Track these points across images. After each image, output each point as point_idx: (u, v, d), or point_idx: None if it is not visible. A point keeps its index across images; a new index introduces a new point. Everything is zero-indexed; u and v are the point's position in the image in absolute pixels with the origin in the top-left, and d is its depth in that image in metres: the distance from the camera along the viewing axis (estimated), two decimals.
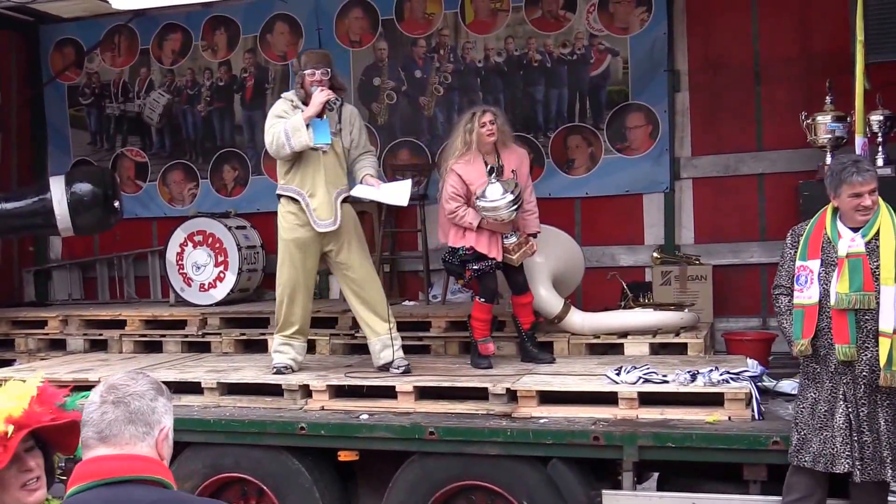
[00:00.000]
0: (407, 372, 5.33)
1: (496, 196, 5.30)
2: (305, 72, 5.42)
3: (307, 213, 5.41)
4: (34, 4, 7.21)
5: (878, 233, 3.80)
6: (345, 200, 5.53)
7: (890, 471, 3.73)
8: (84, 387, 5.36)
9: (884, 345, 3.70)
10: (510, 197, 5.29)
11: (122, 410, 2.10)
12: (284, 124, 5.29)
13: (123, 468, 2.05)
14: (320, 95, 5.28)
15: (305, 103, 5.37)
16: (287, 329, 5.57)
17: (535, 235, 5.61)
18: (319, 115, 5.32)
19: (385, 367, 5.43)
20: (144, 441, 2.08)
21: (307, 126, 5.27)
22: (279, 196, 5.55)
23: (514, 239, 5.45)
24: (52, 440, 2.36)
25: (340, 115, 5.53)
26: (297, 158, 5.40)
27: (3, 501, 2.29)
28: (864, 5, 5.07)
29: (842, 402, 3.80)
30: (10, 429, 2.23)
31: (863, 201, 3.80)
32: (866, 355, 3.76)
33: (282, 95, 5.63)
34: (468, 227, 5.42)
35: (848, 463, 3.75)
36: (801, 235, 3.96)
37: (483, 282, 5.47)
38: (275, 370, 5.48)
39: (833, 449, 3.78)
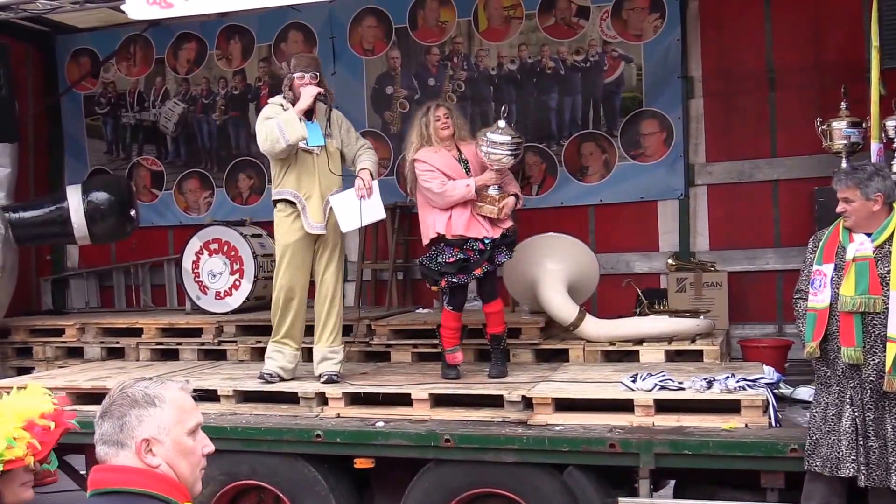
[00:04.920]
0: (331, 381, 5.34)
1: (504, 136, 5.32)
2: (295, 75, 5.43)
3: (302, 215, 5.44)
4: (50, 15, 7.24)
5: (890, 237, 3.80)
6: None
7: (895, 477, 3.71)
8: (95, 394, 5.43)
9: (890, 350, 3.70)
10: (516, 139, 5.34)
11: (98, 432, 2.17)
12: (276, 120, 5.30)
13: (97, 480, 2.13)
14: (311, 89, 5.32)
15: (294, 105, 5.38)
16: (279, 334, 5.57)
17: (517, 197, 5.50)
18: (310, 118, 5.37)
19: (319, 376, 5.46)
20: (118, 456, 2.12)
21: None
22: (275, 202, 5.56)
23: (496, 191, 5.39)
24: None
25: (329, 120, 5.55)
26: (291, 162, 5.44)
27: (2, 494, 2.45)
28: (879, 11, 5.06)
29: (848, 407, 3.80)
30: (52, 425, 2.45)
31: (839, 206, 3.88)
32: (874, 360, 3.76)
33: (270, 101, 5.60)
34: (465, 192, 5.30)
35: (853, 467, 3.75)
36: (822, 241, 3.98)
37: (454, 293, 5.44)
38: (259, 376, 5.50)
39: (839, 453, 3.78)
